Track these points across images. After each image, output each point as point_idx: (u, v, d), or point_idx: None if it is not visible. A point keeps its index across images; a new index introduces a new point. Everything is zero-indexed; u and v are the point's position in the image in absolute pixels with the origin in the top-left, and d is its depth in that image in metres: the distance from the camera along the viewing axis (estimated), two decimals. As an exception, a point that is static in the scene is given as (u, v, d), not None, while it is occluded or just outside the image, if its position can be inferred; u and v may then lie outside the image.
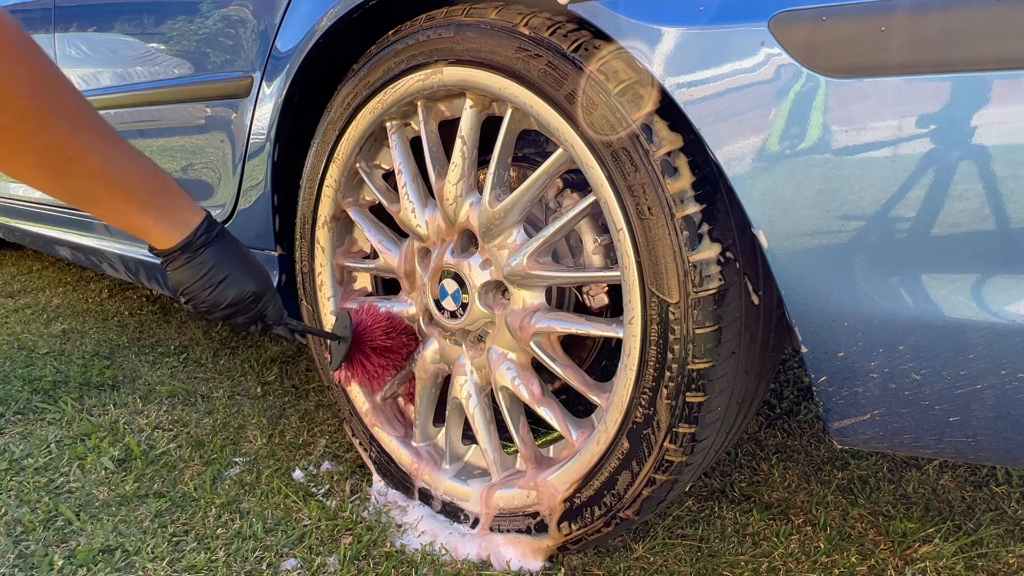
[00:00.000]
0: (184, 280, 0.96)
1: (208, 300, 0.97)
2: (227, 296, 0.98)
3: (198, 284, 0.96)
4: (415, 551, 1.12)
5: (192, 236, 0.95)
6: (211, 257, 0.96)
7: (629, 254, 0.88)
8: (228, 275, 0.98)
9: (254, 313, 1.02)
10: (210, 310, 0.99)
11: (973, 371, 0.70)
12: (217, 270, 0.97)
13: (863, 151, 0.68)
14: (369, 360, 1.17)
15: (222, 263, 0.97)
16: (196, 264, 0.95)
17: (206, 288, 0.96)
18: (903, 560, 1.08)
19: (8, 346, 2.03)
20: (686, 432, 0.89)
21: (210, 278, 0.96)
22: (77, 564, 1.10)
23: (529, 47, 0.91)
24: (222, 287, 0.97)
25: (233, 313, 1.00)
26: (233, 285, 0.98)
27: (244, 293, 0.99)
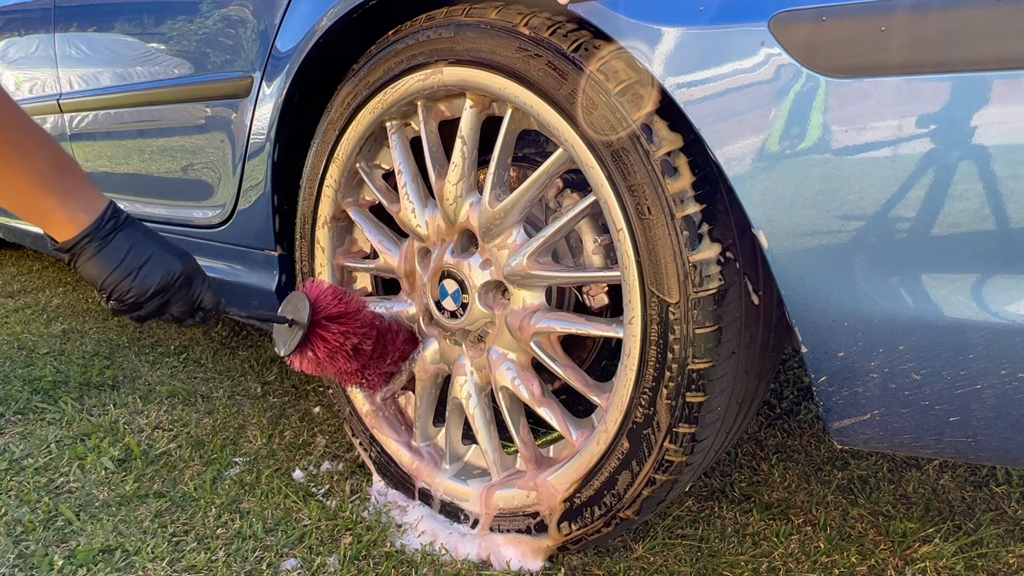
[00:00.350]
0: (100, 271, 0.83)
1: (133, 289, 0.84)
2: (153, 280, 0.85)
3: (117, 272, 0.84)
4: (415, 551, 1.12)
5: (100, 220, 0.83)
6: (125, 240, 0.84)
7: (629, 254, 0.88)
8: (149, 256, 0.86)
9: (188, 299, 0.90)
10: (137, 302, 0.86)
11: (973, 371, 0.70)
12: (135, 253, 0.85)
13: (863, 151, 0.68)
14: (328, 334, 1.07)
15: (139, 245, 0.85)
16: (110, 250, 0.83)
17: (127, 275, 0.84)
18: (903, 560, 1.08)
19: (8, 346, 2.03)
20: (686, 432, 0.89)
21: (129, 263, 0.84)
22: (77, 564, 1.10)
23: (529, 47, 0.91)
24: (145, 271, 0.85)
25: (164, 302, 0.88)
26: (158, 266, 0.86)
27: (171, 274, 0.87)
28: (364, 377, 1.16)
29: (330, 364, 1.10)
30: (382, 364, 1.16)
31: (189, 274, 0.90)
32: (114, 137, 1.78)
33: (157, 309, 0.89)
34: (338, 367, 1.11)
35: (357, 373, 1.14)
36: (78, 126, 1.87)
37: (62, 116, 1.92)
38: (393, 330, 1.18)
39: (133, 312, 0.88)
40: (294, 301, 1.09)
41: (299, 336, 1.06)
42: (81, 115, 1.85)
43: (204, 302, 0.93)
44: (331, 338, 1.07)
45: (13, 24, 2.09)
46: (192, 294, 0.91)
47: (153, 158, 1.64)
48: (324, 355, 1.08)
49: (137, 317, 0.89)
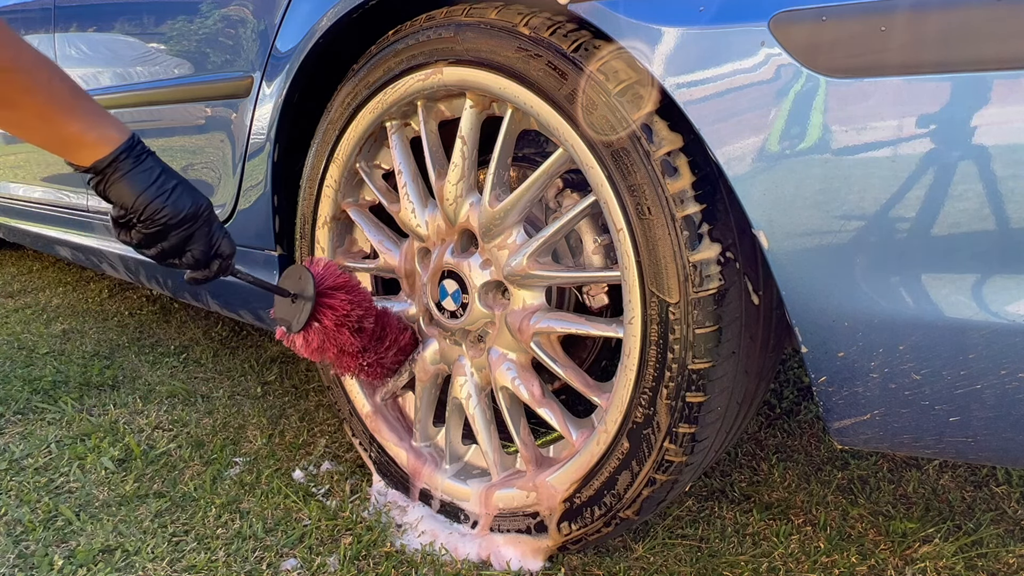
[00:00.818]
0: (135, 189, 0.81)
1: (166, 209, 0.83)
2: (184, 205, 0.84)
3: (151, 191, 0.82)
4: (415, 551, 1.12)
5: (131, 139, 0.82)
6: (156, 164, 0.84)
7: (629, 254, 0.88)
8: (177, 183, 0.85)
9: (208, 238, 0.89)
10: (168, 225, 0.84)
11: (973, 371, 0.70)
12: (165, 177, 0.84)
13: (863, 151, 0.68)
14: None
15: (168, 172, 0.85)
16: (144, 168, 0.82)
17: (160, 195, 0.82)
18: (903, 560, 1.08)
19: (8, 346, 2.03)
20: (686, 432, 0.89)
21: (162, 185, 0.83)
22: (77, 564, 1.10)
23: (529, 47, 0.91)
24: (176, 194, 0.84)
25: (189, 236, 0.87)
26: (187, 194, 0.85)
27: (200, 205, 0.87)
28: (364, 360, 1.13)
29: (335, 338, 1.07)
30: (380, 347, 1.14)
31: (212, 211, 0.89)
32: (114, 137, 1.77)
33: (181, 242, 0.87)
34: (342, 342, 1.08)
35: (358, 355, 1.12)
36: (78, 126, 1.87)
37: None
38: (391, 315, 1.17)
39: (157, 243, 0.87)
40: (294, 275, 1.06)
41: (308, 309, 1.04)
42: (81, 115, 1.85)
43: (222, 248, 0.92)
44: (338, 306, 1.05)
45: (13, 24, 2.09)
46: (212, 235, 0.90)
47: (153, 158, 1.64)
48: (332, 325, 1.06)
49: (160, 251, 0.87)
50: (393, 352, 1.16)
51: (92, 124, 0.79)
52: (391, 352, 1.16)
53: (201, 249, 0.89)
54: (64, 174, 2.03)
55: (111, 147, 0.80)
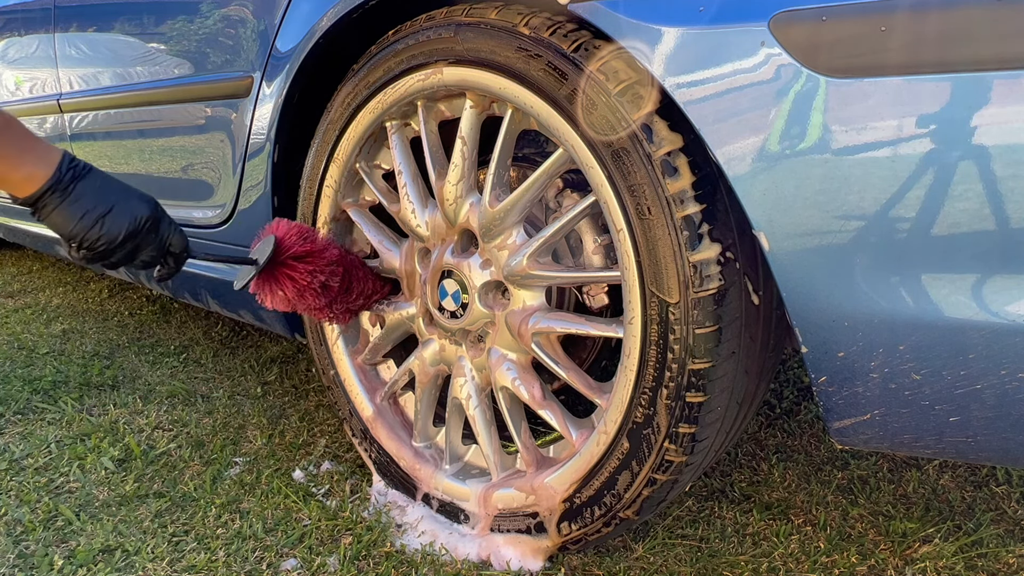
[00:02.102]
0: (66, 222, 0.84)
1: (103, 237, 0.85)
2: (121, 226, 0.85)
3: (83, 222, 0.84)
4: (415, 551, 1.12)
5: (58, 173, 0.84)
6: (87, 189, 0.85)
7: (629, 254, 0.88)
8: (114, 204, 0.86)
9: (158, 243, 0.91)
10: (108, 249, 0.86)
11: (973, 371, 0.70)
12: (99, 201, 0.85)
13: (863, 151, 0.68)
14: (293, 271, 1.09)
15: (102, 193, 0.86)
16: (73, 200, 0.83)
17: (94, 224, 0.84)
18: (903, 560, 1.08)
19: (8, 346, 2.03)
20: (686, 432, 0.89)
21: (94, 211, 0.84)
22: (77, 564, 1.10)
23: (529, 47, 0.91)
24: (111, 218, 0.85)
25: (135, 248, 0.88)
26: (123, 213, 0.86)
27: (138, 219, 0.87)
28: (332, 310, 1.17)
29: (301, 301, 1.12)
30: (348, 298, 1.18)
31: (156, 217, 0.90)
32: (114, 137, 1.78)
33: (128, 255, 0.89)
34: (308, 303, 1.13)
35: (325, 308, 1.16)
36: (78, 126, 1.87)
37: (62, 116, 1.92)
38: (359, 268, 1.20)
39: (104, 260, 0.88)
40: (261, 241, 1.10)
41: (252, 273, 1.07)
42: (81, 115, 1.85)
43: (173, 245, 0.93)
44: (299, 277, 1.09)
45: (13, 24, 2.09)
46: (161, 238, 0.91)
47: (153, 158, 1.64)
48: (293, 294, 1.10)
49: (109, 265, 0.89)
50: (362, 300, 1.21)
51: (16, 164, 0.81)
52: (360, 300, 1.20)
53: (151, 254, 0.91)
54: (64, 174, 2.03)
55: (36, 185, 0.82)
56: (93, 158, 1.86)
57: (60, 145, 1.97)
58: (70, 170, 0.85)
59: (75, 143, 1.92)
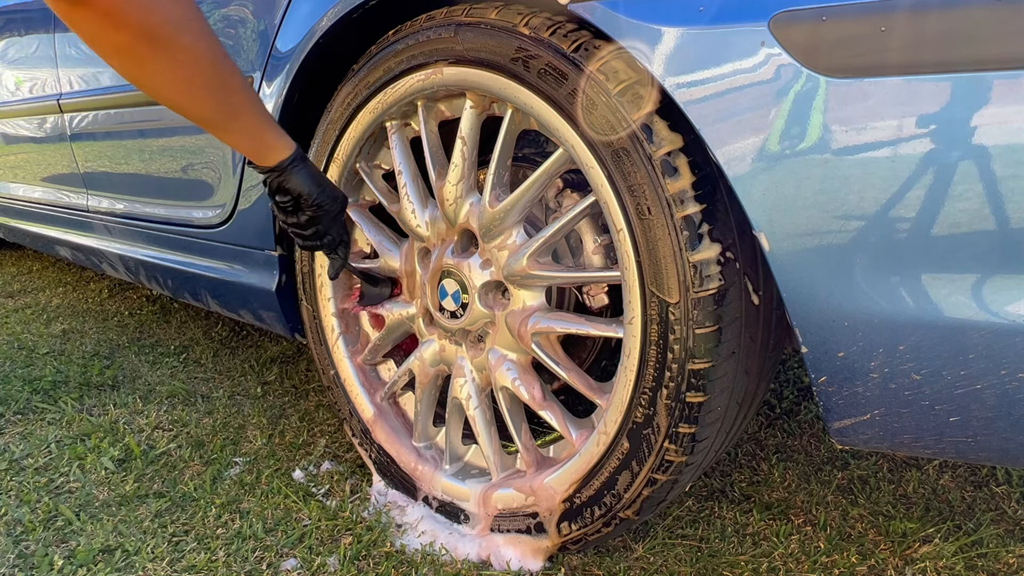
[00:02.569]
0: (308, 182, 1.05)
1: (327, 199, 1.07)
2: (336, 196, 1.10)
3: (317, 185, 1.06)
4: (415, 551, 1.12)
5: (298, 149, 1.05)
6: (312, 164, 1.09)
7: (629, 254, 0.88)
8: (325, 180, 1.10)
9: (343, 226, 1.14)
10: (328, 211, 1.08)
11: (973, 371, 0.70)
12: (319, 175, 1.08)
13: (863, 151, 0.68)
14: None
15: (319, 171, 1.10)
16: (311, 167, 1.06)
17: (324, 187, 1.07)
18: (903, 560, 1.08)
19: (8, 346, 2.03)
20: (686, 432, 0.89)
21: (321, 181, 1.08)
22: (77, 564, 1.10)
23: (529, 47, 0.91)
24: (329, 189, 1.08)
25: (332, 220, 1.10)
26: (333, 188, 1.10)
27: (339, 198, 1.11)
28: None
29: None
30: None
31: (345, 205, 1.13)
32: (114, 137, 1.78)
33: (327, 225, 1.10)
34: None
35: None
36: (78, 126, 1.87)
37: (62, 116, 1.92)
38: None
39: (319, 223, 1.10)
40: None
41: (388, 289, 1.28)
42: (81, 115, 1.85)
43: (345, 236, 1.16)
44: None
45: (13, 24, 2.09)
46: (343, 223, 1.15)
47: (153, 158, 1.64)
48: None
49: (315, 231, 1.11)
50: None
51: (279, 133, 1.03)
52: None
53: (338, 231, 1.13)
54: (63, 174, 2.03)
55: (288, 150, 1.04)
56: (93, 158, 1.86)
57: (60, 145, 1.97)
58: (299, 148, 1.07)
59: (75, 143, 1.92)
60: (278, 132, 1.03)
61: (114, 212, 1.83)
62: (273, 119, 1.05)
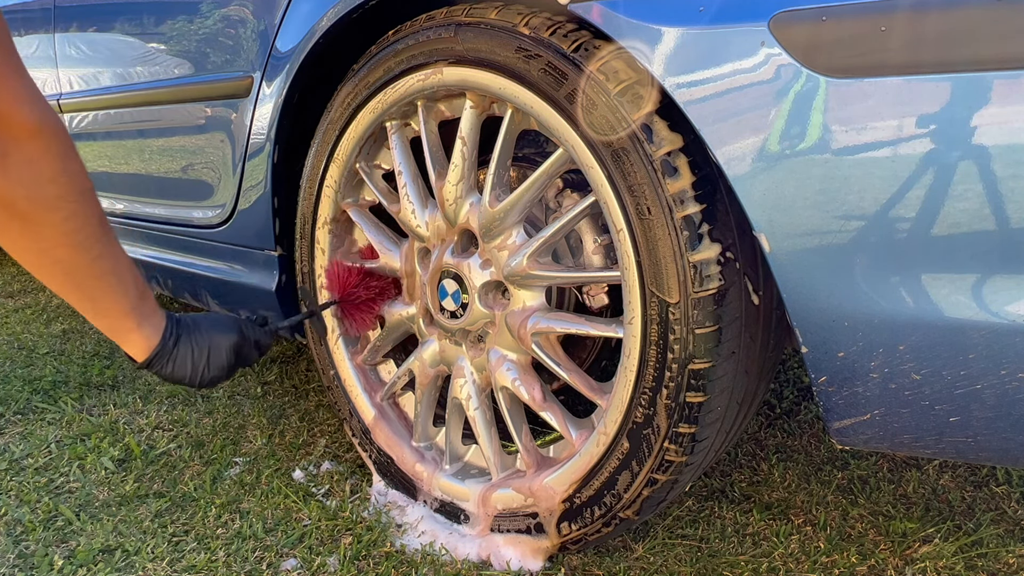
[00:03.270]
0: (182, 375, 0.98)
1: (215, 374, 1.00)
2: (225, 359, 1.01)
3: (195, 371, 0.99)
4: (415, 551, 1.12)
5: (164, 337, 0.96)
6: (186, 342, 0.99)
7: (629, 254, 0.88)
8: (209, 342, 1.00)
9: (250, 349, 1.06)
10: (221, 376, 1.02)
11: (973, 371, 0.70)
12: (198, 349, 0.99)
13: (863, 151, 0.68)
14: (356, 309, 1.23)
15: (197, 338, 1.00)
16: (181, 357, 0.98)
17: (202, 367, 0.99)
18: (903, 560, 1.08)
19: (8, 346, 2.03)
20: (686, 432, 0.89)
21: (198, 359, 0.99)
22: (77, 564, 1.10)
23: (529, 47, 0.91)
24: (214, 357, 1.00)
25: (239, 362, 1.04)
26: (219, 347, 1.01)
27: (233, 344, 1.02)
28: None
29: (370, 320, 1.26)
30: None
31: (242, 332, 1.04)
32: (114, 137, 1.78)
33: (236, 367, 1.04)
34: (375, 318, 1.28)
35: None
36: (78, 126, 1.87)
37: (62, 116, 1.92)
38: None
39: (223, 381, 1.04)
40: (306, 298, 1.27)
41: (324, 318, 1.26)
42: (81, 115, 1.85)
43: (263, 344, 1.09)
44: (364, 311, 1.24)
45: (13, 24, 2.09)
46: (251, 346, 1.06)
47: (153, 158, 1.64)
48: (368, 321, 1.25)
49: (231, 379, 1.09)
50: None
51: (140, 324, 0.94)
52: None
53: (252, 357, 1.07)
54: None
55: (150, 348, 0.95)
56: (93, 158, 1.87)
57: (60, 145, 1.96)
58: (173, 332, 0.97)
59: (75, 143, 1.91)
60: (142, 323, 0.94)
61: (114, 212, 1.83)
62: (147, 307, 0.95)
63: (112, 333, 0.94)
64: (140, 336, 0.95)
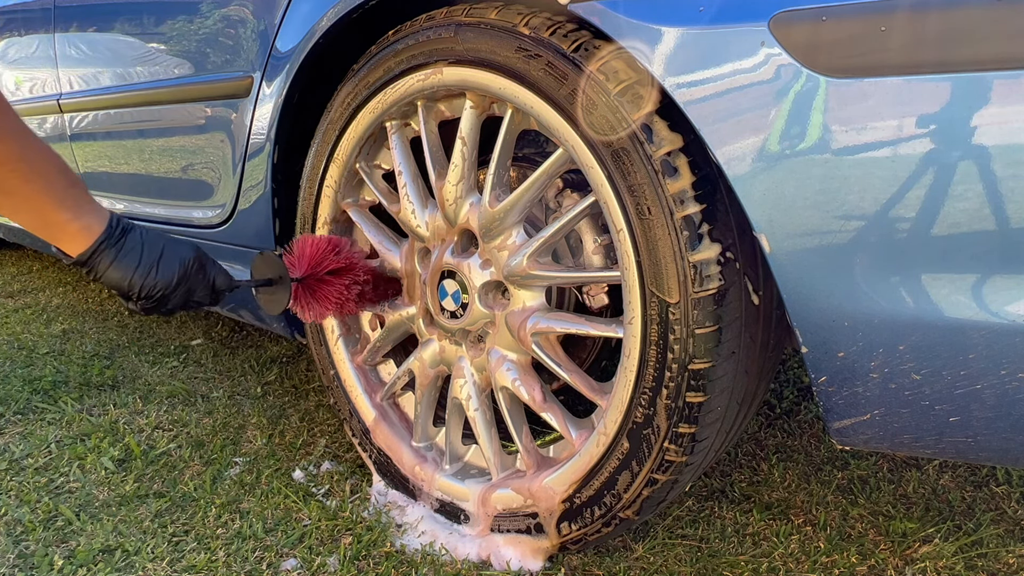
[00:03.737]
0: (124, 274, 0.87)
1: (159, 283, 0.88)
2: (173, 270, 0.89)
3: (140, 272, 0.87)
4: (415, 551, 1.12)
5: (109, 227, 0.87)
6: (136, 241, 0.88)
7: (629, 254, 0.88)
8: (162, 250, 0.90)
9: (206, 282, 0.95)
10: (164, 295, 0.90)
11: (973, 371, 0.70)
12: (148, 250, 0.88)
13: (863, 151, 0.68)
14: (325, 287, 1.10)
15: (149, 243, 0.89)
16: (126, 252, 0.87)
17: (149, 271, 0.88)
18: (903, 560, 1.08)
19: (8, 346, 2.03)
20: (686, 432, 0.89)
21: (147, 260, 0.88)
22: (77, 564, 1.10)
23: (529, 47, 0.91)
24: (164, 264, 0.89)
25: (188, 290, 0.92)
26: (173, 258, 0.90)
27: (188, 261, 0.91)
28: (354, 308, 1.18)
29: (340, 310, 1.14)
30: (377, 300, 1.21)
31: (201, 259, 0.94)
32: (114, 137, 1.78)
33: (182, 299, 0.93)
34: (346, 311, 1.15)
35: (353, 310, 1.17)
36: (78, 126, 1.87)
37: (62, 116, 1.92)
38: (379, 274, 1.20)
39: (162, 307, 0.92)
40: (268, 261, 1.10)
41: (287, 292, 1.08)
42: (81, 115, 1.85)
43: (219, 284, 0.98)
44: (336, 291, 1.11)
45: (13, 24, 2.09)
46: (208, 278, 0.95)
47: (153, 158, 1.64)
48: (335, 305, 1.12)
49: (167, 311, 0.93)
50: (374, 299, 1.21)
51: (77, 214, 0.84)
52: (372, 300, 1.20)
53: (202, 294, 0.96)
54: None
55: (92, 238, 0.85)
56: (93, 158, 1.87)
57: (60, 145, 1.97)
58: (119, 224, 0.88)
59: (75, 143, 1.92)
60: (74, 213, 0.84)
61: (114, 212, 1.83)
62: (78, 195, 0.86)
63: (46, 231, 0.84)
64: (79, 227, 0.84)
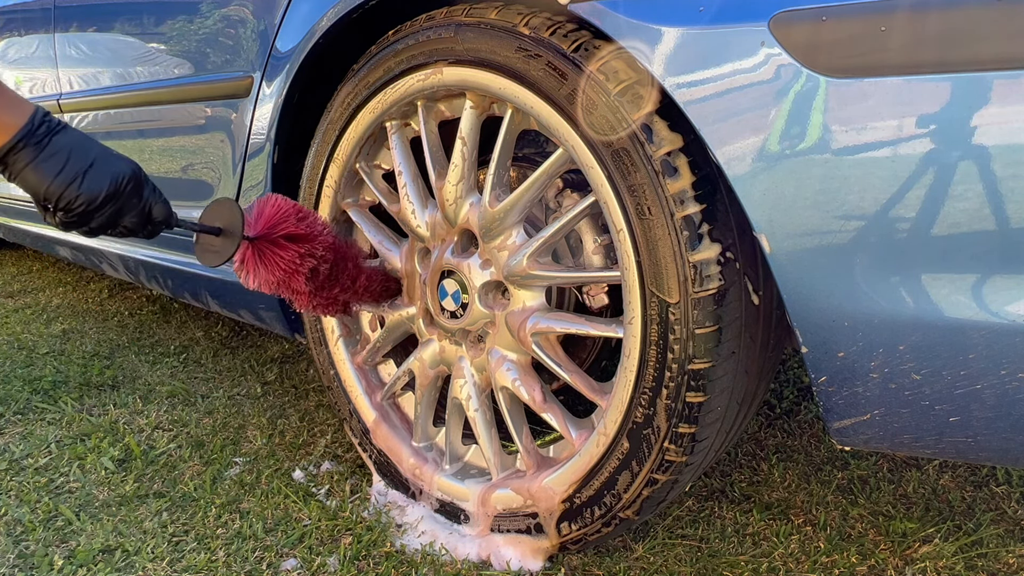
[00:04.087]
0: (42, 178, 0.75)
1: (81, 196, 0.77)
2: (102, 185, 0.78)
3: (60, 178, 0.76)
4: (415, 551, 1.12)
5: (30, 123, 0.76)
6: (63, 143, 0.77)
7: (629, 254, 0.88)
8: (93, 160, 0.78)
9: (140, 208, 0.84)
10: (87, 211, 0.78)
11: (973, 371, 0.70)
12: (76, 156, 0.77)
13: (863, 151, 0.68)
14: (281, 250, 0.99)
15: (79, 148, 0.78)
16: (48, 154, 0.76)
17: (71, 180, 0.76)
18: (903, 560, 1.08)
19: (8, 346, 2.03)
20: (686, 432, 0.89)
21: (72, 167, 0.77)
22: (77, 564, 1.10)
23: (529, 47, 0.91)
24: (91, 175, 0.77)
25: (116, 211, 0.81)
26: (103, 171, 0.78)
27: (120, 178, 0.80)
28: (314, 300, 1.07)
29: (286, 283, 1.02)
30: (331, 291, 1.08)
31: (138, 179, 0.83)
32: (114, 137, 1.78)
33: (109, 219, 0.82)
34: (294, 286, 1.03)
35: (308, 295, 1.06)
36: (78, 126, 1.87)
37: (62, 116, 1.92)
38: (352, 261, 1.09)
39: (83, 225, 0.81)
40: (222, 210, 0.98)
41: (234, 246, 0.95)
42: (81, 115, 1.85)
43: (155, 213, 0.86)
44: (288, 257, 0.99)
45: (13, 24, 2.09)
46: (144, 203, 0.84)
47: (153, 158, 1.64)
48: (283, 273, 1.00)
49: (88, 231, 0.82)
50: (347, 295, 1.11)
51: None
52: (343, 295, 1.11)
53: (133, 220, 0.84)
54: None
55: (7, 134, 0.75)
56: (93, 158, 1.86)
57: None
58: (44, 123, 0.77)
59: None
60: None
61: (114, 212, 1.83)
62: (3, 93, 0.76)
63: None
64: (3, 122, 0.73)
